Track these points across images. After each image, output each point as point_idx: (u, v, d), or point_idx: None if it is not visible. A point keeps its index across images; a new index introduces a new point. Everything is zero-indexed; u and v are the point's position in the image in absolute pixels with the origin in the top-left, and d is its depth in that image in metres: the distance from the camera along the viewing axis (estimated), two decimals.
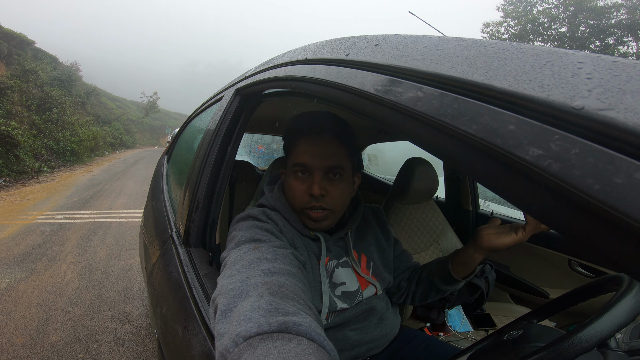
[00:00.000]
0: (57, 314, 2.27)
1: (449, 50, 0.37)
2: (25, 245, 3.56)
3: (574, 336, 0.49)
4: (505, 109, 0.28)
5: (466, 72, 0.33)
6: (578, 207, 0.22)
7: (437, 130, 0.32)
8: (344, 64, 0.51)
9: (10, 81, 10.56)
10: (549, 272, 1.65)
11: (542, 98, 0.26)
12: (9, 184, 7.19)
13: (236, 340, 0.41)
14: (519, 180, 0.25)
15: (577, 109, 0.23)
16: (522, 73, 0.29)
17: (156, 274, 1.17)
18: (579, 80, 0.26)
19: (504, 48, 0.34)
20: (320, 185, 0.75)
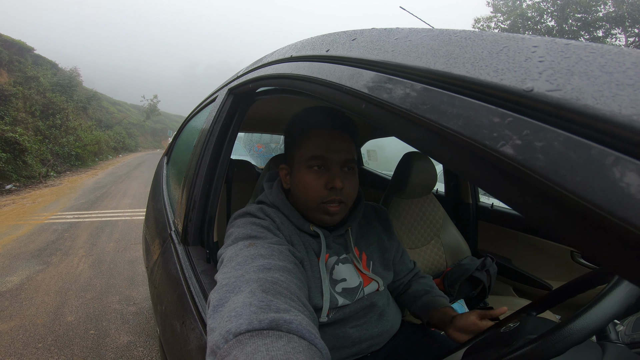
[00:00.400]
0: (71, 299, 2.61)
1: (417, 41, 0.38)
2: (41, 242, 3.90)
3: (566, 327, 0.49)
4: (464, 95, 0.28)
5: (429, 62, 0.33)
6: (531, 188, 0.22)
7: (405, 119, 0.33)
8: (324, 59, 0.52)
9: (14, 88, 10.67)
10: (552, 264, 1.65)
11: (496, 82, 0.26)
12: (19, 188, 7.44)
13: (226, 337, 0.41)
14: (479, 163, 0.26)
15: (527, 91, 0.24)
16: (479, 59, 0.30)
17: (157, 272, 1.18)
18: (531, 63, 0.26)
19: (466, 37, 0.34)
20: (340, 178, 0.75)
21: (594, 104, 0.21)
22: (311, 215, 0.80)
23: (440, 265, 1.63)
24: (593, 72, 0.23)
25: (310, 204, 0.78)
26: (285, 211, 0.82)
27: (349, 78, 0.42)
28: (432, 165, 1.53)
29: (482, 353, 0.67)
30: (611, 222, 0.18)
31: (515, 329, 0.67)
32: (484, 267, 1.50)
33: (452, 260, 1.65)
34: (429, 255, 1.62)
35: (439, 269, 1.62)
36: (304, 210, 0.81)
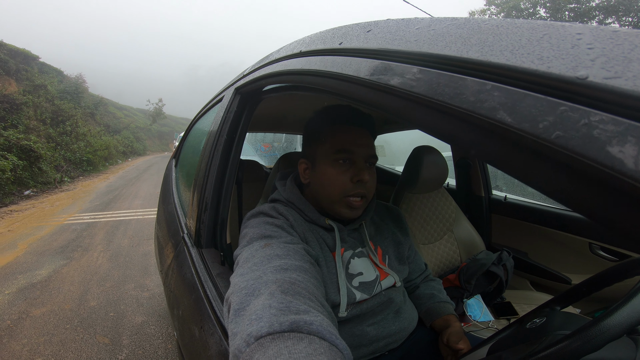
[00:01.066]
0: (93, 287, 2.98)
1: (442, 30, 0.36)
2: (63, 240, 4.30)
3: (602, 322, 0.47)
4: (505, 84, 0.27)
5: (461, 50, 0.32)
6: (591, 179, 0.21)
7: (435, 110, 0.31)
8: (337, 52, 0.50)
9: (24, 97, 10.84)
10: (570, 257, 1.61)
11: (543, 70, 0.25)
12: (36, 194, 7.75)
13: (248, 340, 0.41)
14: (528, 156, 0.25)
15: (581, 78, 0.23)
16: (518, 47, 0.28)
17: (171, 276, 1.18)
18: (579, 50, 0.25)
19: (497, 24, 0.33)
20: (367, 172, 0.78)
21: None
22: (332, 209, 0.81)
23: (454, 260, 1.61)
24: None
25: (334, 197, 0.79)
26: (300, 206, 0.82)
27: (368, 70, 0.41)
28: (442, 159, 1.51)
29: (509, 350, 0.65)
30: None
31: (542, 324, 0.65)
32: (500, 262, 1.47)
33: (467, 255, 1.63)
34: (442, 251, 1.59)
35: (453, 264, 1.60)
36: (325, 204, 0.82)
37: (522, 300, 1.50)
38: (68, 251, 3.90)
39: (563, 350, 0.47)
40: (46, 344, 2.16)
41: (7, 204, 6.52)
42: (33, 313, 2.54)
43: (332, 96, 0.53)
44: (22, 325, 2.38)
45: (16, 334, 2.27)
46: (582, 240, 1.56)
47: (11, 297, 2.77)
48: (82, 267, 3.42)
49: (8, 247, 4.03)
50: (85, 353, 2.09)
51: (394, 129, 2.27)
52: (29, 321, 2.43)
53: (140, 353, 2.09)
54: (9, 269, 3.36)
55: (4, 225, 5.09)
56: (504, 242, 1.87)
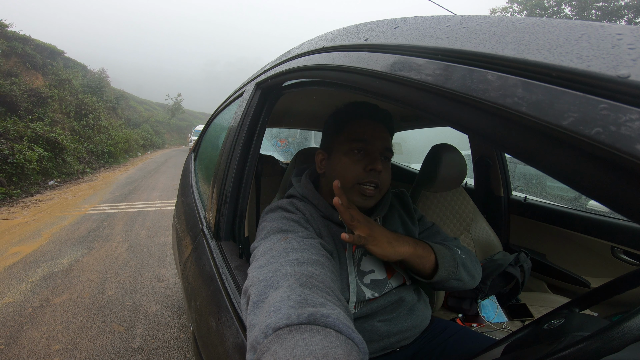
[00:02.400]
0: (111, 277, 3.08)
1: (475, 28, 0.37)
2: (84, 230, 4.47)
3: (624, 324, 0.46)
4: (543, 82, 0.27)
5: (495, 48, 0.32)
6: (632, 176, 0.21)
7: (467, 106, 0.32)
8: (363, 48, 0.50)
9: (50, 91, 11.20)
10: (590, 260, 1.57)
11: (582, 69, 0.25)
12: (60, 184, 8.05)
13: (265, 332, 0.41)
14: (567, 153, 0.25)
15: (622, 77, 0.23)
16: (556, 46, 0.28)
17: (190, 268, 1.21)
18: (620, 50, 0.25)
19: (533, 23, 0.33)
20: (380, 162, 0.79)
21: None
22: (350, 198, 0.80)
23: None
24: None
25: (347, 184, 0.80)
26: (314, 201, 0.84)
27: (396, 66, 0.41)
28: (461, 158, 1.49)
29: (525, 350, 0.64)
30: None
31: (560, 326, 0.64)
32: (517, 263, 1.45)
33: (483, 255, 1.61)
34: None
35: None
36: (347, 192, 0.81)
37: (538, 303, 1.48)
38: (89, 241, 4.05)
39: (583, 350, 0.46)
40: (64, 332, 2.25)
41: (33, 194, 6.77)
42: (53, 301, 2.65)
43: (356, 92, 0.53)
44: (43, 312, 2.48)
45: (36, 322, 2.36)
46: (604, 243, 1.52)
47: (34, 285, 2.88)
48: (101, 257, 3.54)
49: (33, 235, 4.20)
50: (101, 341, 2.16)
51: (411, 126, 2.24)
52: (49, 309, 2.53)
53: (153, 342, 2.17)
54: (33, 257, 3.50)
55: (30, 214, 5.30)
56: (522, 243, 1.84)
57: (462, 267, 0.84)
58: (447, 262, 0.80)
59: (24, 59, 12.11)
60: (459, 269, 0.82)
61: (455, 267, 0.82)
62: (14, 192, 6.39)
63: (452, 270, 0.81)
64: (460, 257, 0.86)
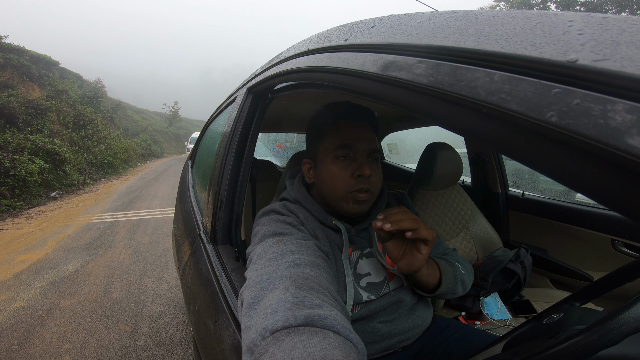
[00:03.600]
0: (116, 281, 3.22)
1: (441, 23, 0.38)
2: (88, 238, 4.61)
3: (619, 316, 0.46)
4: (501, 70, 0.28)
5: (458, 41, 0.33)
6: (586, 155, 0.22)
7: (437, 99, 0.33)
8: (343, 49, 0.51)
9: (47, 102, 11.22)
10: (591, 254, 1.57)
11: (535, 56, 0.26)
12: (61, 195, 8.14)
13: (263, 334, 0.41)
14: (526, 136, 0.26)
15: (571, 62, 0.24)
16: (512, 35, 0.29)
17: (188, 272, 1.21)
18: (570, 36, 0.26)
19: (493, 15, 0.34)
20: (368, 166, 0.76)
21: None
22: (339, 207, 0.80)
23: (471, 258, 1.58)
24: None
25: (339, 194, 0.78)
26: (307, 206, 0.82)
27: (372, 64, 0.42)
28: (457, 155, 1.49)
29: (525, 345, 0.64)
30: None
31: (560, 319, 0.64)
32: (518, 259, 1.44)
33: (483, 252, 1.60)
34: (458, 248, 1.57)
35: (470, 262, 1.57)
36: (331, 202, 0.81)
37: (541, 299, 1.47)
38: (93, 248, 4.18)
39: (579, 343, 0.46)
40: (73, 332, 2.37)
41: (36, 205, 6.87)
42: (62, 304, 2.77)
43: (340, 91, 0.54)
44: (52, 315, 2.60)
45: (47, 323, 2.48)
46: (604, 236, 1.51)
47: (43, 290, 3.01)
48: (106, 263, 3.67)
49: (39, 244, 4.33)
50: (108, 339, 2.28)
51: (406, 126, 2.25)
52: (59, 311, 2.65)
53: (157, 339, 2.28)
54: (40, 264, 3.63)
55: (34, 224, 5.44)
56: (522, 239, 1.83)
57: (459, 283, 0.85)
58: (448, 280, 0.82)
59: (20, 70, 12.19)
60: (457, 284, 0.84)
61: (455, 284, 0.83)
62: (17, 204, 6.49)
63: (451, 286, 0.83)
64: (461, 273, 0.87)
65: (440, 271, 0.81)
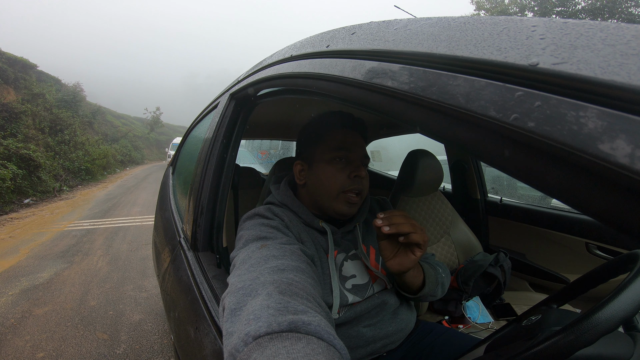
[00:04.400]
0: (93, 289, 3.11)
1: (416, 29, 0.39)
2: (63, 245, 4.44)
3: (593, 316, 0.47)
4: (469, 75, 0.29)
5: (431, 47, 0.34)
6: (546, 155, 0.23)
7: (412, 104, 0.34)
8: (325, 55, 0.52)
9: (23, 106, 10.81)
10: (567, 257, 1.62)
11: (500, 60, 0.28)
12: (36, 202, 7.84)
13: (245, 340, 0.41)
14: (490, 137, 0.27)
15: (533, 65, 0.25)
16: (481, 41, 0.31)
17: (168, 279, 1.19)
18: (533, 41, 0.27)
19: (465, 21, 0.35)
20: (364, 169, 0.82)
21: (602, 74, 0.21)
22: (330, 207, 0.82)
23: (452, 262, 1.61)
24: (596, 45, 0.24)
25: (333, 193, 0.81)
26: (294, 208, 0.84)
27: (351, 70, 0.43)
28: (437, 162, 1.52)
29: (505, 347, 0.65)
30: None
31: (538, 321, 0.66)
32: (497, 263, 1.47)
33: (464, 257, 1.63)
34: (440, 254, 1.60)
35: (451, 267, 1.60)
36: (323, 202, 0.83)
37: (521, 302, 1.50)
38: (69, 255, 4.03)
39: (556, 344, 0.47)
40: (48, 340, 2.29)
41: (8, 212, 6.60)
42: (36, 312, 2.68)
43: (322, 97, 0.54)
44: (26, 323, 2.51)
45: (20, 331, 2.40)
46: (578, 240, 1.57)
47: (15, 298, 2.91)
48: (82, 270, 3.55)
49: (10, 252, 4.18)
50: (85, 348, 2.21)
51: (389, 133, 2.28)
52: (32, 319, 2.56)
53: (138, 348, 2.22)
54: (12, 272, 3.51)
55: (5, 231, 5.23)
56: (501, 243, 1.88)
57: (439, 286, 0.90)
58: (431, 282, 0.86)
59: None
60: (437, 287, 0.88)
61: (436, 286, 0.88)
62: None
63: (433, 288, 0.86)
64: (441, 276, 0.91)
65: (424, 273, 0.84)
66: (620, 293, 0.50)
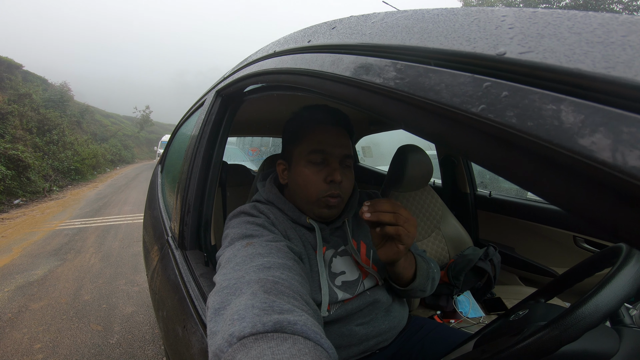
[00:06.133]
0: (87, 284, 3.20)
1: (392, 22, 0.39)
2: (56, 244, 4.50)
3: (577, 311, 0.47)
4: (440, 66, 0.29)
5: (404, 39, 0.34)
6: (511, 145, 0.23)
7: (385, 97, 0.33)
8: (306, 50, 0.52)
9: (9, 106, 10.62)
10: (555, 250, 1.64)
11: (469, 51, 0.27)
12: (26, 203, 7.79)
13: (230, 340, 0.40)
14: (461, 129, 0.27)
15: (500, 55, 0.25)
16: (452, 32, 0.30)
17: (156, 279, 1.18)
18: (501, 30, 0.27)
19: (438, 13, 0.35)
20: (340, 172, 0.77)
21: (567, 62, 0.21)
22: (310, 210, 0.81)
23: (443, 257, 1.62)
24: (562, 34, 0.24)
25: (311, 198, 0.79)
26: (280, 205, 0.82)
27: (330, 64, 0.43)
28: (427, 157, 1.53)
29: (493, 342, 0.65)
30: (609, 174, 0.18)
31: (525, 316, 0.66)
32: (487, 257, 1.49)
33: (455, 251, 1.65)
34: (431, 248, 1.61)
35: (442, 261, 1.61)
36: (303, 204, 0.82)
37: (512, 296, 1.52)
38: (61, 253, 4.11)
39: (541, 339, 0.47)
40: (45, 332, 2.40)
41: None
42: (32, 307, 2.77)
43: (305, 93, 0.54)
44: (22, 317, 2.61)
45: (17, 325, 2.50)
46: (566, 233, 1.59)
47: (10, 294, 3.00)
48: (75, 267, 3.63)
49: (3, 251, 4.23)
50: (80, 338, 2.32)
51: (380, 129, 2.29)
52: (28, 314, 2.66)
53: (130, 337, 2.33)
54: (6, 270, 3.57)
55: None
56: (491, 237, 1.90)
57: (430, 281, 0.88)
58: (422, 276, 0.84)
59: None
60: (428, 282, 0.87)
61: (427, 280, 0.86)
62: None
63: (423, 282, 0.85)
64: (433, 271, 0.90)
65: (416, 265, 0.83)
66: (604, 287, 0.51)
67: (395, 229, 0.65)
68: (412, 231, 0.67)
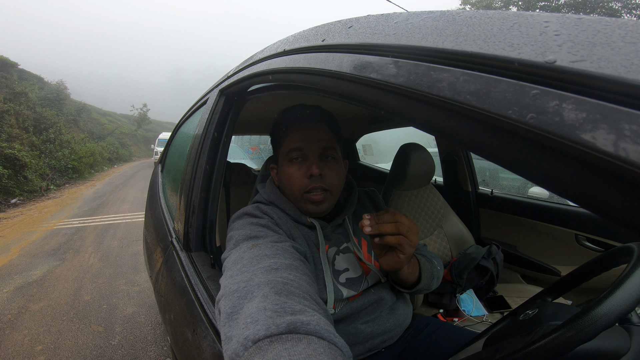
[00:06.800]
0: (86, 284, 3.16)
1: (419, 23, 0.37)
2: (54, 244, 4.45)
3: (593, 311, 0.47)
4: (479, 71, 0.28)
5: (436, 41, 0.33)
6: (566, 157, 0.22)
7: (415, 100, 0.32)
8: (320, 49, 0.51)
9: (5, 105, 10.56)
10: (558, 248, 1.64)
11: (513, 56, 0.26)
12: (23, 202, 7.73)
13: (245, 344, 0.40)
14: (505, 139, 0.26)
15: (549, 62, 0.24)
16: (490, 36, 0.29)
17: (161, 281, 1.17)
18: (547, 37, 0.26)
19: (471, 15, 0.34)
20: (317, 165, 0.77)
21: (625, 72, 0.20)
22: (300, 208, 0.81)
23: (445, 255, 1.62)
24: (616, 43, 0.23)
25: (296, 195, 0.80)
26: (281, 205, 0.83)
27: (350, 64, 0.41)
28: (429, 155, 1.52)
29: (504, 342, 0.65)
30: None
31: (535, 315, 0.66)
32: (490, 255, 1.49)
33: (457, 249, 1.65)
34: (433, 247, 1.61)
35: (444, 260, 1.61)
36: (295, 203, 0.82)
37: (514, 294, 1.52)
38: (60, 253, 4.06)
39: (557, 339, 0.47)
40: (45, 334, 2.36)
41: None
42: (31, 308, 2.73)
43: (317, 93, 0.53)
44: (22, 318, 2.57)
45: (17, 326, 2.46)
46: (568, 231, 1.59)
47: (10, 295, 2.96)
48: (74, 267, 3.59)
49: (1, 251, 4.18)
50: (82, 340, 2.29)
51: (381, 127, 2.28)
52: (28, 315, 2.62)
53: (132, 338, 2.30)
54: (5, 270, 3.53)
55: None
56: (493, 236, 1.90)
57: (435, 280, 0.87)
58: (427, 276, 0.83)
59: None
60: (433, 281, 0.86)
61: (431, 280, 0.85)
62: None
63: (428, 283, 0.84)
64: (437, 269, 0.89)
65: (420, 268, 0.82)
66: (619, 288, 0.50)
67: (396, 238, 0.64)
68: (414, 240, 0.66)
